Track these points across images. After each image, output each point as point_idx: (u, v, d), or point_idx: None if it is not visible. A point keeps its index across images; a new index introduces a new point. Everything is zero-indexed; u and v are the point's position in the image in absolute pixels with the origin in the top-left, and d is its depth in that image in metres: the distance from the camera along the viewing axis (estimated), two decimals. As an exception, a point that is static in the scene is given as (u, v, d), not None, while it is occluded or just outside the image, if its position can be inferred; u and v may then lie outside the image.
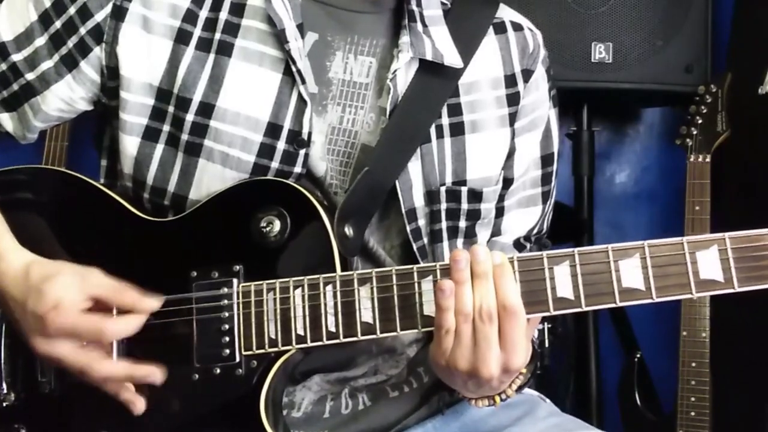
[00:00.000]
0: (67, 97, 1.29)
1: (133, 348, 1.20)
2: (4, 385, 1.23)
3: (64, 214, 1.29)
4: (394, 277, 1.15)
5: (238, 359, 1.18)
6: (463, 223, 1.36)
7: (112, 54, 1.26)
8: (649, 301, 1.09)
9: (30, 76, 1.28)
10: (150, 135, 1.27)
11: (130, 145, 1.28)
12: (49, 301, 1.13)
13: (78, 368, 1.16)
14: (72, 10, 1.26)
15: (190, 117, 1.25)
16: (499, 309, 1.09)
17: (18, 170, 1.31)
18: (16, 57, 1.28)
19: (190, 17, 1.26)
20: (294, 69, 1.25)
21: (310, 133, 1.26)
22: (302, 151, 1.26)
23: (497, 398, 1.23)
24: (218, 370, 1.18)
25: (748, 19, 2.54)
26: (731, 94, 2.40)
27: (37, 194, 1.31)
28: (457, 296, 1.10)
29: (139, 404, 1.18)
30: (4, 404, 1.23)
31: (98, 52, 1.27)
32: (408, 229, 1.30)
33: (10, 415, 1.23)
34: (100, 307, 1.16)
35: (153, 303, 1.18)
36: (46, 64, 1.28)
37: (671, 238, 1.10)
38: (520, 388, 1.25)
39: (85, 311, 1.15)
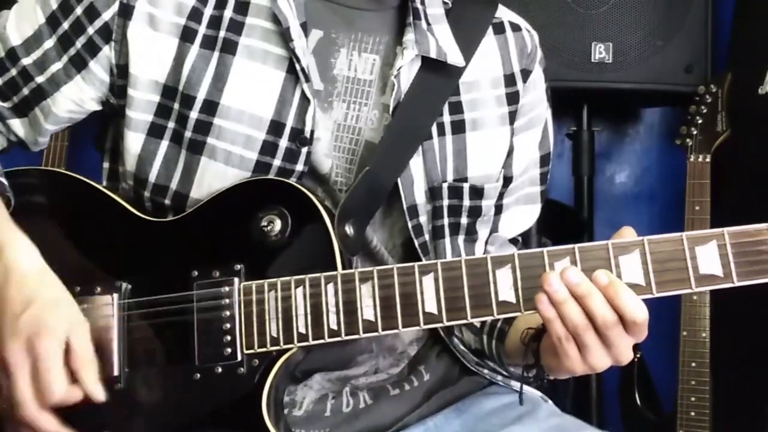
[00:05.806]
0: (77, 98, 1.30)
1: (135, 347, 1.21)
2: None
3: (66, 215, 1.29)
4: (395, 275, 1.15)
5: (239, 358, 1.18)
6: (464, 220, 1.37)
7: (122, 52, 1.26)
8: (649, 296, 1.10)
9: (40, 79, 1.29)
10: (155, 132, 1.27)
11: (134, 142, 1.28)
12: (43, 316, 1.10)
13: (16, 389, 1.09)
14: (79, 11, 1.26)
15: (194, 114, 1.25)
16: (625, 323, 1.08)
17: (20, 172, 1.31)
18: (26, 61, 1.28)
19: (195, 15, 1.27)
20: (298, 67, 1.25)
21: (312, 131, 1.26)
22: (304, 149, 1.26)
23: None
24: (220, 369, 1.18)
25: (748, 19, 2.53)
26: (731, 94, 2.40)
27: (38, 196, 1.31)
28: (564, 315, 1.08)
29: None
30: None
31: (107, 51, 1.27)
32: (409, 225, 1.31)
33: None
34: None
35: (99, 395, 1.14)
36: (56, 66, 1.28)
37: (670, 234, 1.10)
38: None
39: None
